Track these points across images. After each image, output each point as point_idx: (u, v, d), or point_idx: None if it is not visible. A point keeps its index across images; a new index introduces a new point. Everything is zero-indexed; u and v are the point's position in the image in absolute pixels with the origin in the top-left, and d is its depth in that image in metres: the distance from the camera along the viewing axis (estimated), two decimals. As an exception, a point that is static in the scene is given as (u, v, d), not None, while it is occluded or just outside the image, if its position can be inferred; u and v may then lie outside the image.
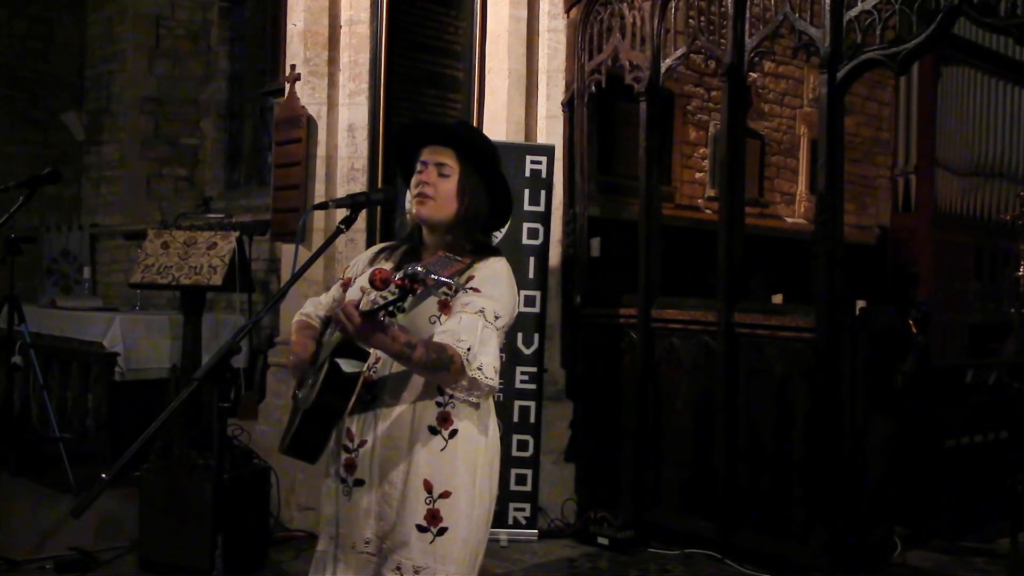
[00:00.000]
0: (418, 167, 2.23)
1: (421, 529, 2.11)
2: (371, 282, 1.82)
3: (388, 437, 2.14)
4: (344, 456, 2.19)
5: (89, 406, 5.72)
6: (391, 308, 1.87)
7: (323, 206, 2.29)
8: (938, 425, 5.06)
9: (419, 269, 1.80)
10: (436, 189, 2.19)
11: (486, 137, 2.47)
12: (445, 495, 2.12)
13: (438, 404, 2.15)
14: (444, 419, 2.15)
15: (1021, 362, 5.37)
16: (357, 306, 1.89)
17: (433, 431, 2.14)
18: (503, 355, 2.17)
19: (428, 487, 2.12)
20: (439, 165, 2.21)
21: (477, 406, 2.17)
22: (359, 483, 2.17)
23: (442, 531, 2.11)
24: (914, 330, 5.14)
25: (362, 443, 2.17)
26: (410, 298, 1.91)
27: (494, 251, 2.25)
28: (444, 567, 2.11)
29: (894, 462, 4.59)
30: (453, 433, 2.14)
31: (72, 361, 5.89)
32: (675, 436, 4.85)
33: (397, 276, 1.81)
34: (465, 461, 2.15)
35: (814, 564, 4.19)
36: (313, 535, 4.53)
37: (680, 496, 4.82)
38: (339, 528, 2.21)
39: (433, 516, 2.11)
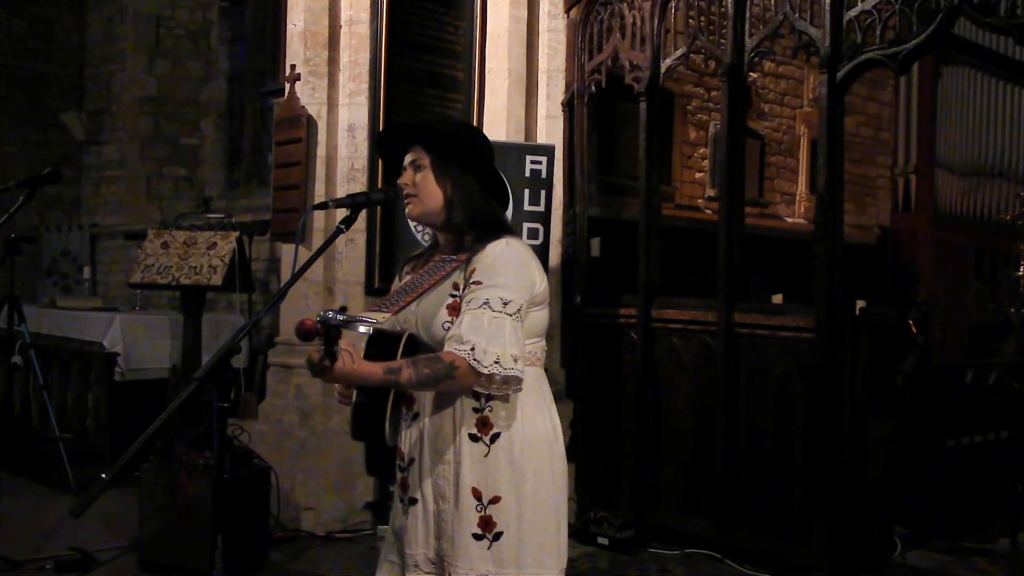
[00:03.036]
0: (402, 172, 2.24)
1: (477, 537, 2.09)
2: (296, 334, 1.84)
3: (435, 453, 2.14)
4: (399, 475, 2.21)
5: (89, 406, 5.71)
6: (324, 354, 1.88)
7: (323, 206, 2.28)
8: (938, 425, 5.06)
9: (328, 314, 1.81)
10: (416, 187, 2.19)
11: (457, 123, 2.47)
12: (495, 500, 2.10)
13: (475, 410, 2.12)
14: (483, 424, 2.12)
15: (1021, 362, 5.36)
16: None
17: (474, 439, 2.11)
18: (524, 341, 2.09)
19: (477, 495, 2.10)
20: (413, 162, 2.21)
21: (507, 400, 2.11)
22: (413, 502, 2.17)
23: (497, 536, 2.09)
24: (914, 330, 5.13)
25: (411, 461, 2.17)
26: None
27: (494, 235, 2.15)
28: (505, 571, 2.09)
29: (894, 462, 4.59)
30: (495, 437, 2.11)
31: (72, 361, 5.88)
32: (675, 436, 4.85)
33: (316, 324, 1.82)
34: (509, 463, 2.11)
35: (814, 564, 4.19)
36: (313, 535, 4.56)
37: (680, 496, 4.81)
38: (403, 546, 2.21)
39: (486, 523, 2.09)
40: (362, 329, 1.89)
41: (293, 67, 5.00)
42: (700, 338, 4.75)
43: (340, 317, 1.82)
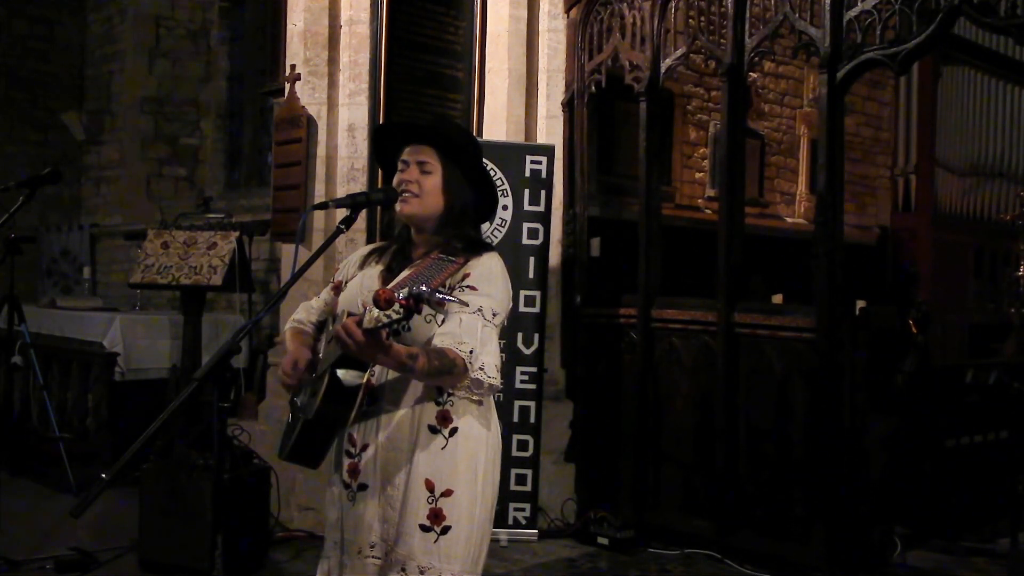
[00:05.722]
0: (400, 166, 2.25)
1: (424, 529, 2.10)
2: (375, 302, 1.77)
3: (390, 440, 2.14)
4: (347, 462, 2.19)
5: (89, 406, 5.71)
6: (395, 327, 1.85)
7: (323, 206, 2.28)
8: (938, 425, 5.06)
9: (424, 289, 1.77)
10: (420, 187, 2.20)
11: (465, 131, 2.49)
12: (447, 494, 2.12)
13: (437, 403, 2.15)
14: (444, 418, 2.14)
15: (1021, 362, 5.36)
16: (360, 322, 1.83)
17: (433, 430, 2.14)
18: (503, 354, 2.16)
19: (430, 486, 2.11)
20: (420, 163, 2.22)
21: (480, 403, 2.17)
22: (363, 488, 2.17)
23: (446, 530, 2.11)
24: (914, 330, 5.13)
25: (364, 448, 2.17)
26: (415, 316, 1.88)
27: (486, 247, 2.25)
28: (449, 566, 2.10)
29: (894, 462, 4.59)
30: (453, 431, 2.14)
31: (72, 361, 5.88)
32: (675, 436, 4.85)
33: (401, 295, 1.77)
34: (466, 459, 2.15)
35: (814, 564, 4.19)
36: (313, 535, 4.55)
37: (680, 496, 4.82)
38: (344, 534, 2.21)
39: (436, 515, 2.10)
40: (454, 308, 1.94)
41: (293, 67, 5.00)
42: (700, 338, 4.75)
43: (439, 296, 1.82)
